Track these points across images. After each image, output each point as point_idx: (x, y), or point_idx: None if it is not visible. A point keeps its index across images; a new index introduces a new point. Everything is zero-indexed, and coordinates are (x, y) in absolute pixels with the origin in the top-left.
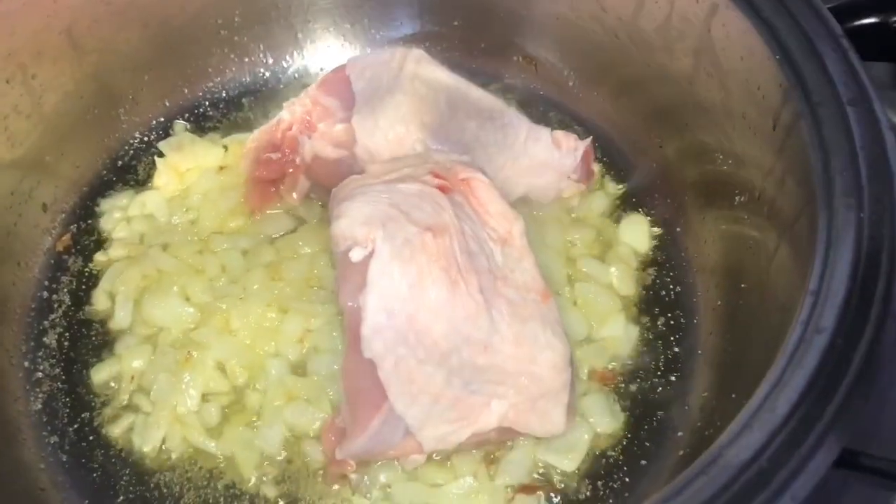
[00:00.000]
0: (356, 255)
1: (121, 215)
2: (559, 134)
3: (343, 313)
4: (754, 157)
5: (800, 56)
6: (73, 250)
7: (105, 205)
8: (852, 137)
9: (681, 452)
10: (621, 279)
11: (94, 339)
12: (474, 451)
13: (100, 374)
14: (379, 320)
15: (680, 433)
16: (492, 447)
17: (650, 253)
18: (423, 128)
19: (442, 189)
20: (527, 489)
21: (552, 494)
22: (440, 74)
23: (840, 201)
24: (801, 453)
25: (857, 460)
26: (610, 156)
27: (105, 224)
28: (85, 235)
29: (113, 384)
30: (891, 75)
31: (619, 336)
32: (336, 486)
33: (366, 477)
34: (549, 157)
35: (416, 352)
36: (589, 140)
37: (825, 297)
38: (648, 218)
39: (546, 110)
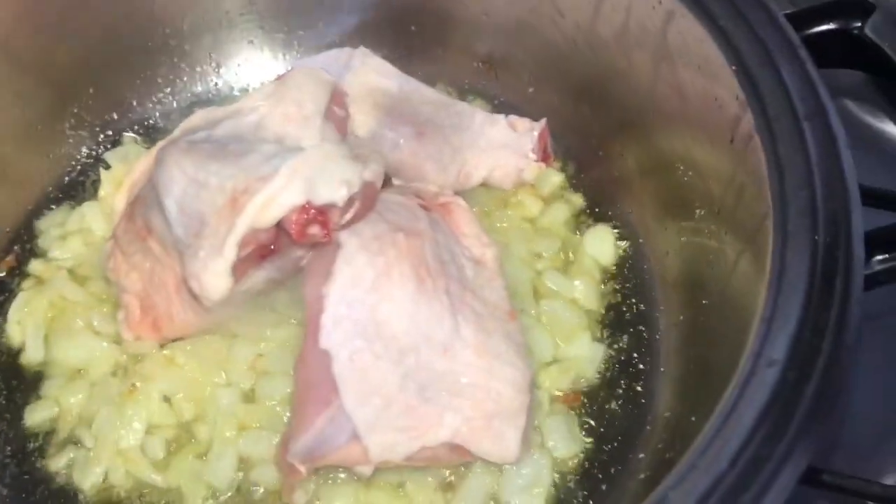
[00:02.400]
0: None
1: (58, 232)
2: (514, 118)
3: (306, 306)
4: (713, 170)
5: (756, 67)
6: (17, 272)
7: (43, 223)
8: (808, 154)
9: (641, 476)
10: (586, 294)
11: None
12: (430, 478)
13: (33, 417)
14: (340, 310)
15: (641, 455)
16: (447, 473)
17: (614, 266)
18: (376, 107)
19: (422, 207)
20: None
21: None
22: (388, 66)
23: (795, 222)
24: (747, 498)
25: (819, 478)
26: (571, 165)
27: (43, 243)
28: (30, 257)
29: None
30: (855, 82)
31: (584, 355)
32: None
33: (318, 500)
34: (507, 138)
35: (374, 345)
36: (544, 121)
37: (777, 326)
38: (614, 230)
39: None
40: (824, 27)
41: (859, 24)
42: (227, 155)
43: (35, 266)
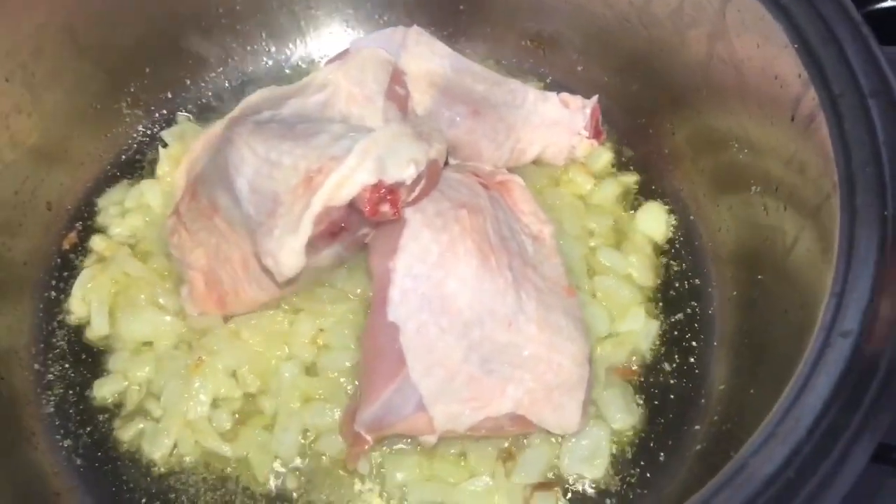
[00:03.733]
0: None
1: (116, 210)
2: (566, 95)
3: (372, 278)
4: (771, 147)
5: (818, 44)
6: (80, 248)
7: (103, 200)
8: (875, 131)
9: (698, 447)
10: (640, 270)
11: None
12: (490, 448)
13: (102, 390)
14: (406, 283)
15: (697, 427)
16: (507, 443)
17: (666, 242)
18: (432, 86)
19: (481, 185)
20: (543, 486)
21: (569, 491)
22: (442, 45)
23: (862, 199)
24: (827, 465)
25: (890, 455)
26: (621, 142)
27: (103, 220)
28: (92, 234)
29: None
30: None
31: (639, 330)
32: (356, 484)
33: (383, 469)
34: (559, 116)
35: (440, 319)
36: (595, 98)
37: (849, 299)
38: (665, 206)
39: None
40: (886, 4)
41: None
42: (297, 135)
43: (97, 242)
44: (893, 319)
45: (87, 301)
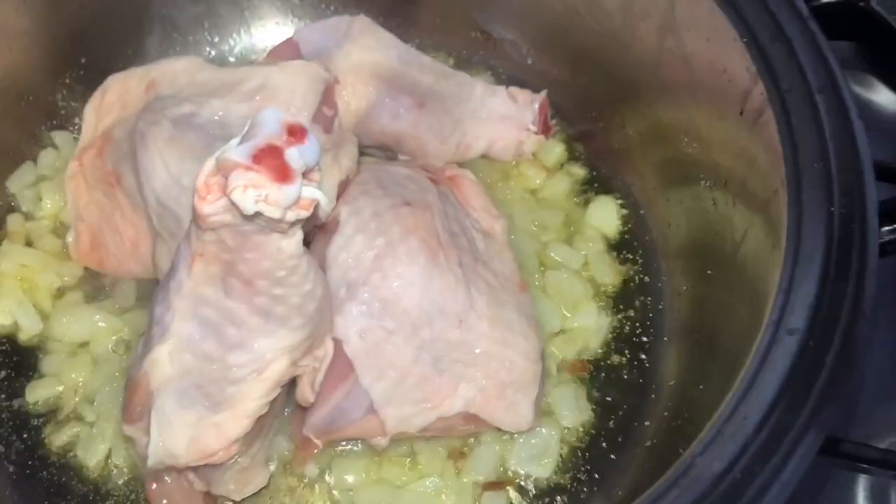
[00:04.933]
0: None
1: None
2: (514, 90)
3: None
4: (720, 142)
5: (767, 39)
6: None
7: (13, 185)
8: (822, 127)
9: (648, 443)
10: (591, 265)
11: None
12: (440, 448)
13: (34, 395)
14: (340, 293)
15: (647, 423)
16: (457, 443)
17: (616, 236)
18: (376, 77)
19: (430, 180)
20: (494, 486)
21: (519, 490)
22: (389, 36)
23: (809, 194)
24: (775, 461)
25: (837, 448)
26: (572, 136)
27: (24, 206)
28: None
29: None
30: (856, 55)
31: (590, 326)
32: (303, 487)
33: (328, 474)
34: (507, 110)
35: (384, 322)
36: (545, 92)
37: (795, 296)
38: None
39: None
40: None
41: None
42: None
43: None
44: (838, 316)
45: (3, 308)
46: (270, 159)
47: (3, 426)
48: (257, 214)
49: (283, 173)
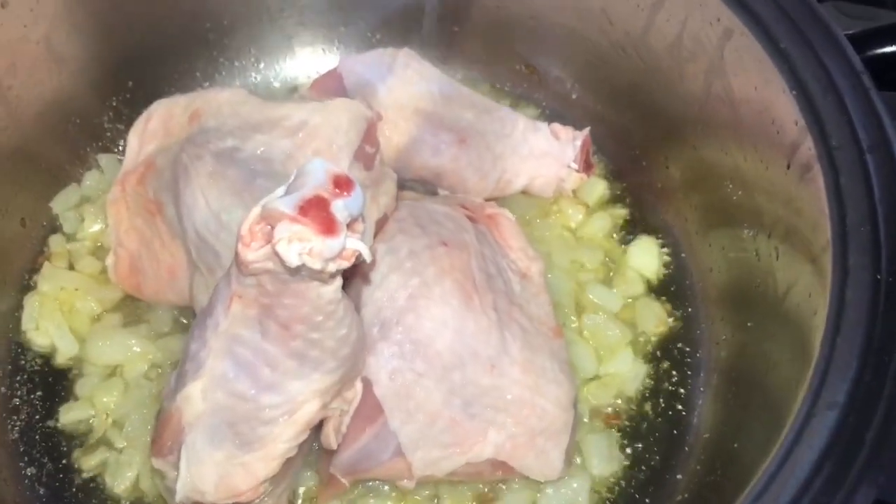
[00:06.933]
0: None
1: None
2: (556, 126)
3: None
4: (765, 191)
5: (818, 92)
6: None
7: (58, 205)
8: (871, 188)
9: (679, 497)
10: (634, 309)
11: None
12: (467, 491)
13: (67, 417)
14: (372, 334)
15: (679, 476)
16: (484, 486)
17: (657, 280)
18: (418, 112)
19: (468, 218)
20: None
21: None
22: (433, 70)
23: (856, 259)
24: None
25: None
26: (614, 174)
27: (67, 227)
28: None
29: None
30: None
31: (626, 372)
32: None
33: None
34: (549, 147)
35: (414, 364)
36: (587, 130)
37: (837, 367)
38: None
39: (547, 121)
40: (886, 49)
41: None
42: (253, 194)
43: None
44: (881, 390)
45: (42, 329)
46: (317, 211)
47: (36, 447)
48: (300, 266)
49: (328, 226)
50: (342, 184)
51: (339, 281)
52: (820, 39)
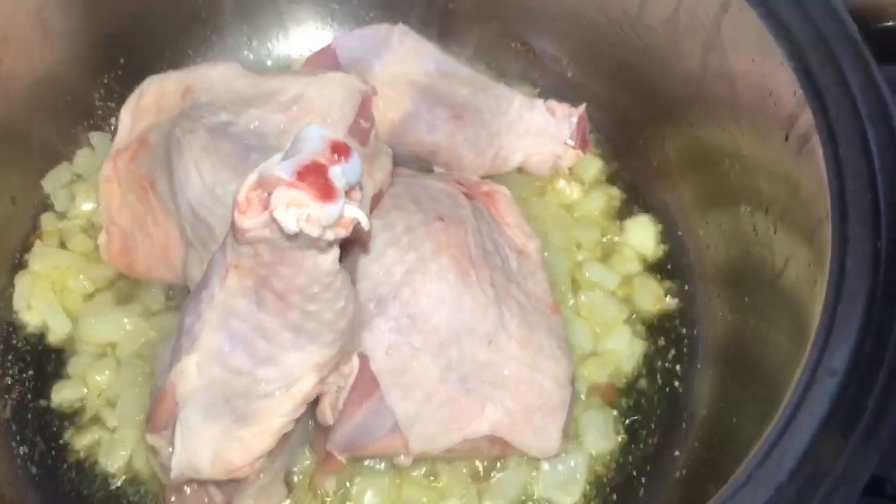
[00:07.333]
0: None
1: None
2: (552, 103)
3: None
4: (763, 167)
5: (816, 63)
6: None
7: (49, 183)
8: (871, 158)
9: (677, 474)
10: (631, 286)
11: None
12: (463, 469)
13: (59, 396)
14: (369, 309)
15: (677, 453)
16: (481, 464)
17: (653, 257)
18: (413, 87)
19: (465, 194)
20: None
21: None
22: (428, 45)
23: (856, 228)
24: None
25: (883, 489)
26: (610, 152)
27: (58, 206)
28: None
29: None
30: None
31: (623, 349)
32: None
33: (348, 492)
34: (545, 124)
35: (412, 338)
36: (583, 107)
37: (838, 335)
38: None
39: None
40: (887, 23)
41: None
42: (247, 168)
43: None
44: (882, 358)
45: (34, 308)
46: (315, 177)
47: (29, 427)
48: (297, 232)
49: (326, 192)
50: (340, 150)
51: (336, 251)
52: (818, 11)
